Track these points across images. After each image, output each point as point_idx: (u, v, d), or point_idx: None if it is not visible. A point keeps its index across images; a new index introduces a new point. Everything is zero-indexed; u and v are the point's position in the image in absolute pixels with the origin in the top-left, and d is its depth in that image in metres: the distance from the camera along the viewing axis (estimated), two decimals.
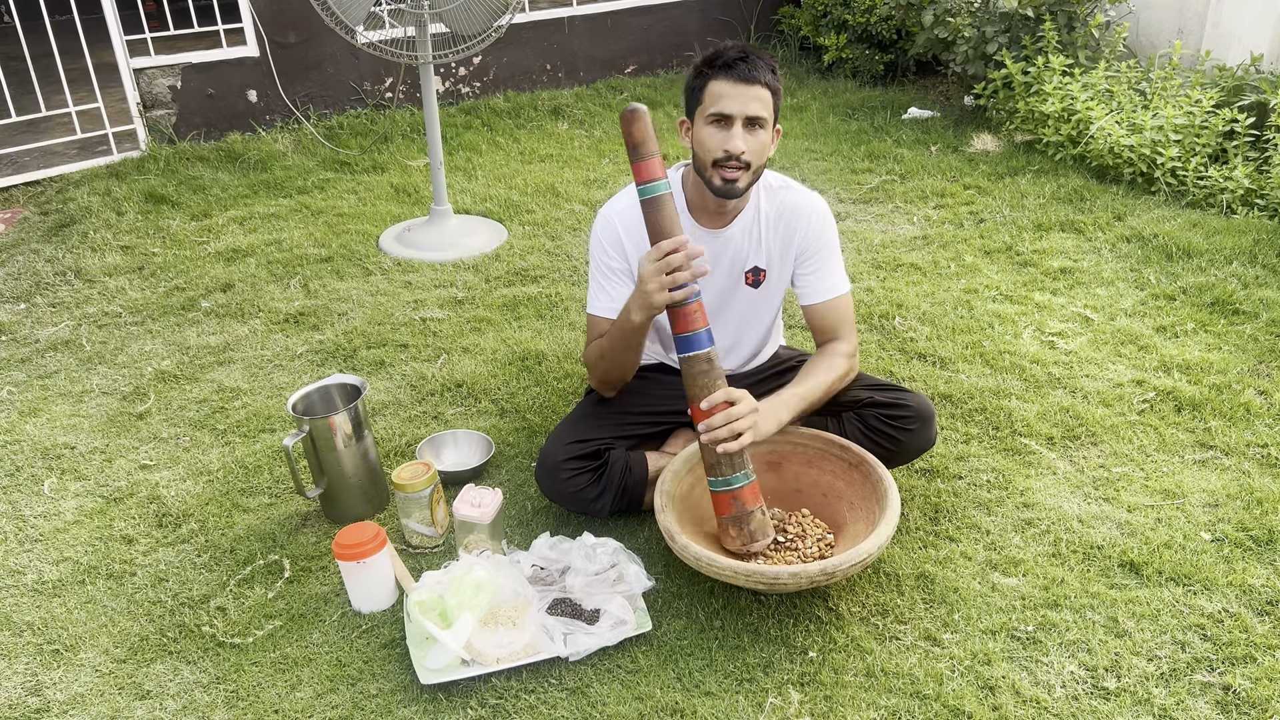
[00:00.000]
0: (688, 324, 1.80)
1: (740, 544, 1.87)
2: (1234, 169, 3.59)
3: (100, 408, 2.63)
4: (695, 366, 1.81)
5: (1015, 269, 3.26)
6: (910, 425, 2.04)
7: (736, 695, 1.69)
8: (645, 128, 1.76)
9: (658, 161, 1.78)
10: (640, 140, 1.76)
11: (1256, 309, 2.88)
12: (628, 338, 1.93)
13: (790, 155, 4.45)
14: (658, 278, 1.77)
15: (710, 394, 1.81)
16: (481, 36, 3.43)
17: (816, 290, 2.08)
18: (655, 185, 1.78)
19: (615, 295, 2.04)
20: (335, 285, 3.32)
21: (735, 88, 1.85)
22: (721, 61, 1.87)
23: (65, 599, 1.96)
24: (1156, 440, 2.35)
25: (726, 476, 1.83)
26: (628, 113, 1.76)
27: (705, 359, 1.81)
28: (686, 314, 1.79)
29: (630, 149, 1.78)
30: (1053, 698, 1.66)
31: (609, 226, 2.05)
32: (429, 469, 2.05)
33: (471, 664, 1.72)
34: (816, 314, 2.09)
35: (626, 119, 1.76)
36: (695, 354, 1.80)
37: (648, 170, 1.77)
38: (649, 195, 1.78)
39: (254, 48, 4.79)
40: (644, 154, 1.77)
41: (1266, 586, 1.89)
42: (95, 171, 4.34)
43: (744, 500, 1.85)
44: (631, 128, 1.76)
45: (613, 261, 2.05)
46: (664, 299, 1.78)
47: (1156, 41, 4.76)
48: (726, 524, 1.88)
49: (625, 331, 1.91)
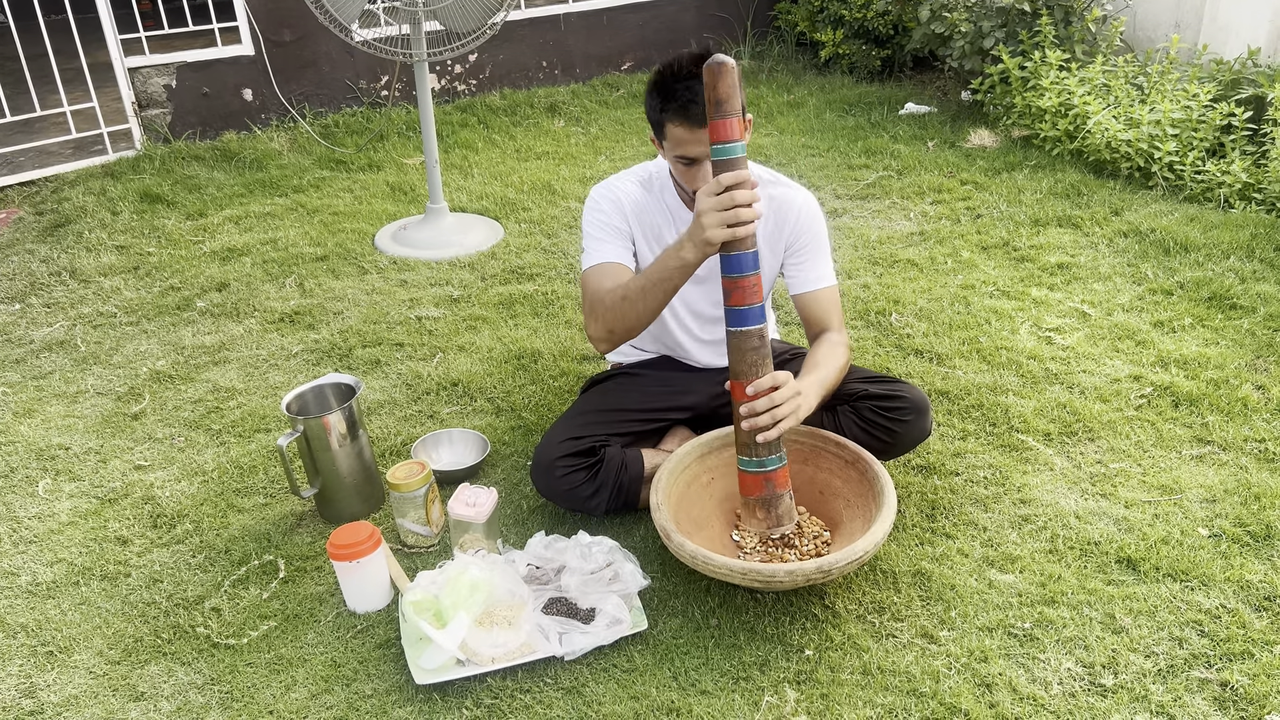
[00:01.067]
0: (743, 297, 1.72)
1: (767, 526, 1.86)
2: (1231, 163, 3.58)
3: (95, 408, 2.63)
4: (747, 342, 1.75)
5: (1012, 264, 3.26)
6: (905, 417, 2.03)
7: (733, 694, 1.68)
8: (733, 83, 1.62)
9: (738, 122, 1.65)
10: (726, 96, 1.62)
11: (1254, 303, 2.88)
12: (670, 278, 1.79)
13: (787, 151, 4.44)
14: (718, 212, 1.65)
15: (757, 373, 1.76)
16: (476, 34, 3.42)
17: (805, 280, 2.08)
18: (732, 146, 1.65)
19: (619, 247, 1.98)
20: (331, 284, 3.31)
21: (693, 133, 1.79)
22: (675, 103, 1.78)
23: (59, 600, 1.96)
24: (1154, 436, 2.35)
25: (761, 458, 1.82)
26: (715, 63, 1.60)
27: (758, 335, 1.74)
28: (744, 286, 1.71)
29: (713, 105, 1.63)
30: (1050, 695, 1.66)
31: (611, 194, 2.03)
32: (424, 468, 2.04)
33: (467, 664, 1.72)
34: (806, 303, 2.08)
35: (713, 70, 1.60)
36: (749, 329, 1.74)
37: (726, 130, 1.64)
38: (724, 156, 1.65)
39: (249, 46, 4.78)
40: (726, 110, 1.63)
41: (1264, 582, 1.88)
42: (90, 171, 4.33)
43: (775, 483, 1.84)
44: (718, 81, 1.61)
45: (615, 220, 2.01)
46: (722, 235, 1.67)
47: (1154, 35, 4.75)
48: (754, 505, 1.86)
49: (669, 270, 1.78)
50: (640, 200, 2.06)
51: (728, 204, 1.65)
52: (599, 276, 1.97)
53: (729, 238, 1.68)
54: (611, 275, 1.96)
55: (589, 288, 1.98)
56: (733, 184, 1.65)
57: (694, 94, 1.75)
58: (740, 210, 1.65)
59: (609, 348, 2.02)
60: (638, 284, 1.85)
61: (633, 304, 1.87)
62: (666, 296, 1.84)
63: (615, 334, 1.95)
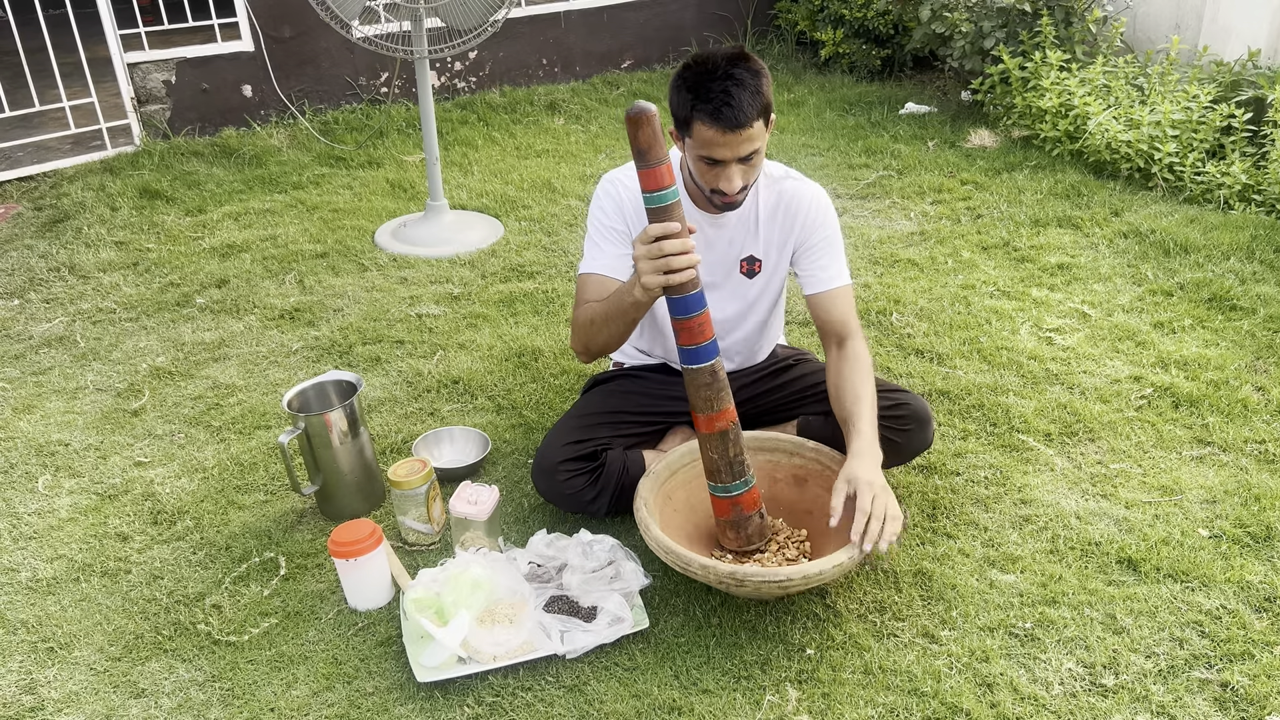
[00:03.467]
0: (691, 337, 1.71)
1: (737, 545, 1.89)
2: (1231, 164, 3.58)
3: (95, 404, 2.62)
4: (699, 378, 1.74)
5: (1012, 265, 3.26)
6: (907, 426, 2.03)
7: (734, 693, 1.68)
8: (654, 132, 1.59)
9: (666, 169, 1.62)
10: (647, 146, 1.60)
11: (1254, 305, 2.88)
12: (625, 312, 1.81)
13: (787, 151, 4.44)
14: (649, 260, 1.65)
15: (713, 408, 1.75)
16: (477, 31, 3.41)
17: (819, 279, 2.02)
18: (664, 194, 1.63)
19: (612, 255, 1.98)
20: (331, 281, 3.30)
21: (724, 135, 1.75)
22: (709, 104, 1.74)
23: (60, 597, 1.95)
24: (1154, 436, 2.35)
25: (725, 484, 1.83)
26: (635, 113, 1.58)
27: (709, 371, 1.74)
28: (691, 327, 1.70)
29: (636, 154, 1.62)
30: (1050, 695, 1.66)
31: (613, 190, 2.02)
32: (425, 466, 2.04)
33: (468, 662, 1.72)
34: (822, 304, 2.02)
35: (634, 121, 1.58)
36: (700, 366, 1.73)
37: (655, 179, 1.62)
38: (656, 205, 1.64)
39: (249, 42, 4.77)
40: (651, 160, 1.61)
41: (1264, 583, 1.89)
42: (89, 167, 4.32)
43: (742, 506, 1.85)
44: (638, 131, 1.59)
45: (613, 222, 2.00)
46: (657, 281, 1.66)
47: (1154, 36, 4.75)
48: (725, 526, 1.89)
49: (624, 306, 1.79)
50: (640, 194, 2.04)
51: (656, 254, 1.65)
52: (584, 288, 1.98)
53: (664, 283, 1.67)
54: (595, 288, 1.96)
55: (576, 296, 2.01)
56: (660, 235, 1.64)
57: (730, 96, 1.72)
58: (671, 259, 1.65)
59: (588, 360, 2.03)
60: (601, 311, 1.87)
61: (598, 330, 1.89)
62: (628, 327, 1.86)
63: (590, 351, 1.98)
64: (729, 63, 1.75)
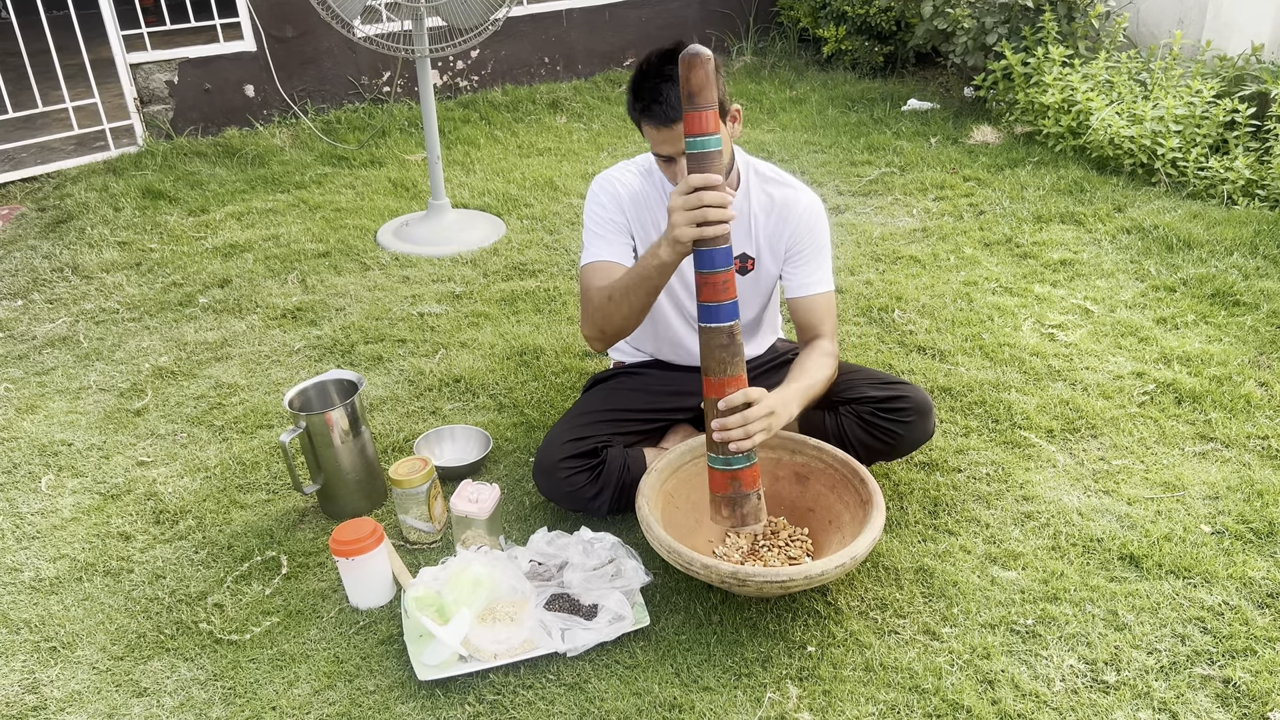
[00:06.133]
0: (714, 293, 1.69)
1: (731, 524, 1.84)
2: (1235, 159, 3.57)
3: (97, 404, 2.63)
4: (716, 339, 1.72)
5: (1015, 261, 3.25)
6: (908, 418, 2.02)
7: (735, 690, 1.68)
8: (707, 75, 1.57)
9: (713, 115, 1.60)
10: (699, 88, 1.57)
11: (1257, 300, 2.87)
12: (650, 277, 1.80)
13: (789, 147, 4.44)
14: (685, 212, 1.64)
15: (726, 371, 1.74)
16: (478, 30, 3.41)
17: (800, 284, 2.06)
18: (706, 140, 1.61)
19: (616, 244, 1.98)
20: (333, 280, 3.31)
21: (661, 132, 1.79)
22: (642, 103, 1.78)
23: (62, 596, 1.96)
24: (1156, 433, 2.34)
25: (728, 457, 1.81)
26: (689, 55, 1.56)
27: (727, 333, 1.72)
28: (715, 282, 1.69)
29: (685, 97, 1.59)
30: (1052, 691, 1.66)
31: (609, 186, 2.03)
32: (426, 464, 2.04)
33: (469, 660, 1.72)
34: (800, 308, 2.06)
35: (688, 62, 1.56)
36: (719, 325, 1.71)
37: (700, 122, 1.60)
38: (698, 150, 1.62)
39: (251, 42, 4.77)
40: (699, 104, 1.58)
41: (1267, 579, 1.88)
42: (92, 167, 4.33)
43: (741, 482, 1.82)
44: (691, 73, 1.56)
45: (612, 215, 2.01)
46: (691, 234, 1.65)
47: (1157, 32, 4.74)
48: (720, 502, 1.84)
49: (649, 270, 1.79)
50: (639, 190, 2.05)
51: (695, 204, 1.64)
52: (591, 275, 1.98)
53: (698, 236, 1.66)
54: (603, 274, 1.96)
55: (583, 287, 2.00)
56: (701, 185, 1.63)
57: (659, 93, 1.75)
58: (708, 210, 1.64)
59: (603, 346, 2.02)
60: (622, 283, 1.86)
61: (618, 304, 1.88)
62: (650, 296, 1.85)
63: (606, 333, 1.96)
64: (661, 60, 1.77)
